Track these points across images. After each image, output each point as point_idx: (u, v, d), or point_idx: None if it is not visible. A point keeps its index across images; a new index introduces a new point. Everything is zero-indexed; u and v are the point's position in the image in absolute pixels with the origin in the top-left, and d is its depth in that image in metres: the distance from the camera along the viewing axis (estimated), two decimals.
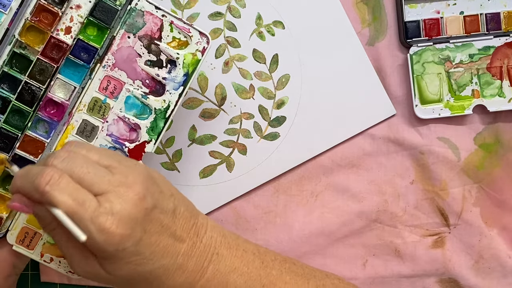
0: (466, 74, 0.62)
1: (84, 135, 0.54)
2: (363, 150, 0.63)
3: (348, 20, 0.62)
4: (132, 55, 0.53)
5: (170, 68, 0.54)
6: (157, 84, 0.54)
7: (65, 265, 0.54)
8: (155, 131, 0.54)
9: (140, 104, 0.54)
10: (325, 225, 0.63)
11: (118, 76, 0.53)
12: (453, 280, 0.63)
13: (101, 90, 0.53)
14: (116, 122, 0.54)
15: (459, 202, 0.63)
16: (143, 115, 0.54)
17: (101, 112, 0.54)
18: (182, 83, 0.54)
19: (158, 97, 0.54)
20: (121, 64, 0.53)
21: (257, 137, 0.62)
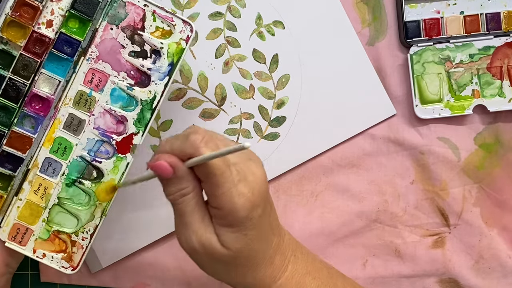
0: (466, 74, 0.62)
1: (71, 129, 0.53)
2: (363, 150, 0.63)
3: (348, 20, 0.62)
4: (115, 47, 0.53)
5: (155, 58, 0.53)
6: (142, 75, 0.53)
7: (58, 260, 0.54)
8: (142, 122, 0.54)
9: (126, 96, 0.54)
10: (325, 225, 0.63)
11: (103, 68, 0.53)
12: (453, 280, 0.63)
13: (86, 83, 0.53)
14: (103, 115, 0.54)
15: (459, 202, 0.63)
16: (129, 107, 0.54)
17: (87, 106, 0.53)
18: (167, 73, 0.53)
19: (144, 88, 0.53)
20: (105, 56, 0.53)
21: (257, 137, 0.62)
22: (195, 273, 0.63)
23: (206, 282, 0.63)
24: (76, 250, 0.54)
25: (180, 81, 0.61)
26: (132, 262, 0.63)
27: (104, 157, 0.54)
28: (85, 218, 0.54)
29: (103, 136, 0.54)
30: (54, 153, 0.54)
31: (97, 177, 0.54)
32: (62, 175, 0.54)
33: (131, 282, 0.63)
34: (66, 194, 0.54)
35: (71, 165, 0.54)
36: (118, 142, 0.54)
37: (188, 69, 0.61)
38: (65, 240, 0.54)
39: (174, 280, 0.63)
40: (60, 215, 0.54)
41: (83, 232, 0.54)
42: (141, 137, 0.54)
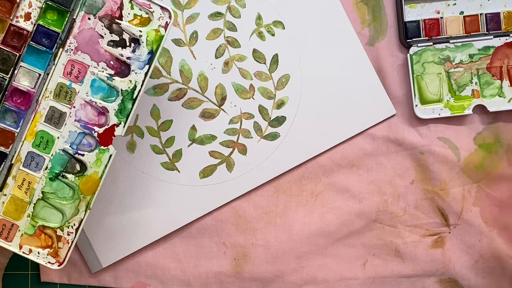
0: (466, 74, 0.62)
1: (53, 122, 0.53)
2: (363, 150, 0.63)
3: (348, 20, 0.62)
4: (94, 37, 0.52)
5: (134, 47, 0.52)
6: (122, 64, 0.53)
7: (44, 256, 0.54)
8: (124, 113, 0.53)
9: (106, 86, 0.53)
10: (325, 225, 0.63)
11: (82, 59, 0.52)
12: (453, 280, 0.63)
13: (66, 75, 0.52)
14: (84, 107, 0.53)
15: (459, 202, 0.63)
16: (110, 98, 0.53)
17: (67, 98, 0.52)
18: (147, 62, 0.52)
19: (124, 78, 0.52)
20: (84, 47, 0.52)
21: (257, 137, 0.62)
22: (195, 273, 0.63)
23: (206, 282, 0.63)
24: (62, 245, 0.54)
25: (180, 81, 0.61)
26: (132, 262, 0.63)
27: (87, 150, 0.53)
28: (69, 213, 0.54)
29: (84, 128, 0.53)
30: (36, 147, 0.53)
31: (80, 171, 0.54)
32: (46, 169, 0.53)
33: (131, 282, 0.63)
34: (50, 188, 0.53)
35: (54, 158, 0.53)
36: (100, 134, 0.53)
37: (188, 69, 0.61)
38: (51, 235, 0.54)
39: (174, 280, 0.63)
40: (45, 210, 0.54)
41: (68, 226, 0.54)
42: (123, 128, 0.53)
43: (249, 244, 0.63)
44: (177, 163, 0.62)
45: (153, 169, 0.62)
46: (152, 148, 0.62)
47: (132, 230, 0.62)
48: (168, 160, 0.62)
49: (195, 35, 0.61)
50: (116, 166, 0.61)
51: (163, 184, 0.62)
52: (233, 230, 0.63)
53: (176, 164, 0.62)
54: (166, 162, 0.62)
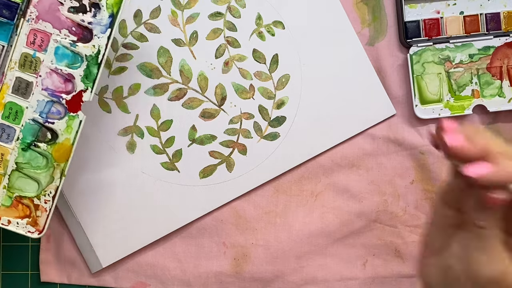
0: (466, 74, 0.62)
1: (20, 93, 0.53)
2: (363, 150, 0.63)
3: (348, 20, 0.62)
4: (54, 4, 0.52)
5: (95, 12, 0.53)
6: (84, 30, 0.53)
7: (23, 225, 0.54)
8: (90, 78, 0.53)
9: (70, 53, 0.53)
10: (325, 225, 0.63)
11: (44, 28, 0.53)
12: None
13: (29, 44, 0.53)
14: (50, 75, 0.53)
15: None
16: (75, 64, 0.53)
17: (32, 67, 0.53)
18: (109, 25, 0.53)
19: (87, 43, 0.53)
20: (45, 15, 0.52)
21: (257, 137, 0.62)
22: (195, 273, 0.63)
23: (206, 282, 0.63)
24: (40, 214, 0.54)
25: (180, 81, 0.61)
26: (132, 262, 0.63)
27: (56, 118, 0.54)
28: (45, 181, 0.54)
29: (52, 96, 0.53)
30: (6, 118, 0.53)
31: (52, 139, 0.54)
32: (17, 140, 0.54)
33: (131, 282, 0.63)
34: (23, 158, 0.54)
35: (24, 129, 0.53)
36: (68, 101, 0.53)
37: (188, 69, 0.61)
38: (28, 205, 0.54)
39: (174, 280, 0.63)
40: (20, 180, 0.54)
41: (45, 195, 0.54)
42: (90, 93, 0.53)
43: (249, 244, 0.63)
44: (177, 163, 0.62)
45: (153, 169, 0.62)
46: (152, 148, 0.62)
47: (132, 230, 0.62)
48: (168, 160, 0.62)
49: (195, 35, 0.61)
50: (116, 166, 0.61)
51: (163, 184, 0.62)
52: (233, 230, 0.63)
53: (176, 164, 0.62)
54: (166, 162, 0.62)
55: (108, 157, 0.61)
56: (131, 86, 0.61)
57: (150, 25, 0.61)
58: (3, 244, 0.63)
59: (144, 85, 0.61)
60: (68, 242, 0.62)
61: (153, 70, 0.61)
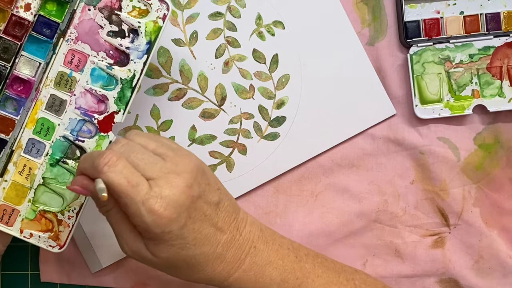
0: (466, 74, 0.62)
1: (53, 110, 0.54)
2: (363, 150, 0.63)
3: (348, 20, 0.62)
4: (94, 27, 0.54)
5: (133, 38, 0.54)
6: (121, 54, 0.54)
7: (45, 239, 0.55)
8: (123, 101, 0.54)
9: (105, 75, 0.54)
10: (325, 225, 0.63)
11: (82, 49, 0.54)
12: (453, 280, 0.63)
13: (66, 64, 0.54)
14: (84, 95, 0.54)
15: (459, 202, 0.63)
16: (109, 86, 0.54)
17: (68, 86, 0.54)
18: (145, 51, 0.54)
19: (123, 67, 0.54)
20: (84, 37, 0.54)
21: (257, 137, 0.62)
22: None
23: None
24: (63, 229, 0.55)
25: (180, 81, 0.61)
26: (132, 262, 0.63)
27: (87, 136, 0.55)
28: (70, 197, 0.55)
29: (85, 115, 0.54)
30: (37, 134, 0.54)
31: (80, 156, 0.55)
32: (46, 155, 0.54)
33: (131, 282, 0.63)
34: (50, 174, 0.55)
35: (54, 145, 0.54)
36: (100, 121, 0.54)
37: (188, 69, 0.61)
38: (51, 220, 0.55)
39: (174, 280, 0.63)
40: (45, 195, 0.55)
41: (69, 210, 0.55)
42: (122, 115, 0.54)
43: None
44: None
45: None
46: None
47: None
48: None
49: (195, 35, 0.61)
50: None
51: None
52: None
53: None
54: None
55: None
56: None
57: None
58: None
59: (144, 85, 0.61)
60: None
61: (153, 70, 0.61)
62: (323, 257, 0.55)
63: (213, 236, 0.48)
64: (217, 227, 0.49)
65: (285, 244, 0.53)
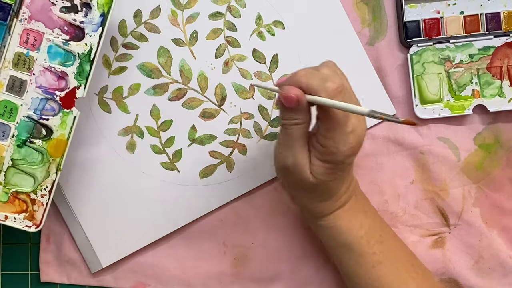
0: (466, 74, 0.62)
1: (14, 91, 0.55)
2: (363, 150, 0.62)
3: (348, 20, 0.62)
4: (46, 5, 0.54)
5: (86, 11, 0.54)
6: (76, 29, 0.55)
7: (20, 220, 0.55)
8: (83, 75, 0.55)
9: (63, 51, 0.55)
10: None
11: (36, 27, 0.54)
12: (453, 280, 0.63)
13: (22, 44, 0.54)
14: (43, 73, 0.55)
15: (459, 202, 0.63)
16: (68, 62, 0.55)
17: (26, 66, 0.54)
18: (100, 24, 0.54)
19: (79, 41, 0.54)
20: (37, 15, 0.54)
21: (257, 137, 0.62)
22: (195, 273, 0.63)
23: (206, 282, 0.63)
24: (37, 208, 0.55)
25: (180, 81, 0.61)
26: (132, 262, 0.63)
27: (51, 114, 0.55)
28: (41, 176, 0.55)
29: (46, 93, 0.55)
30: (1, 116, 0.55)
31: (46, 135, 0.55)
32: (12, 137, 0.55)
33: (131, 282, 0.63)
34: (19, 155, 0.55)
35: (19, 126, 0.55)
36: (62, 97, 0.55)
37: (188, 69, 0.61)
38: (25, 200, 0.55)
39: (174, 280, 0.63)
40: (16, 176, 0.55)
41: (41, 189, 0.55)
42: (84, 90, 0.55)
43: (249, 244, 0.63)
44: (177, 163, 0.62)
45: (153, 169, 0.62)
46: (152, 148, 0.62)
47: (132, 230, 0.62)
48: (168, 160, 0.62)
49: (195, 35, 0.61)
50: (116, 166, 0.61)
51: (163, 184, 0.62)
52: (233, 230, 0.63)
53: (176, 164, 0.62)
54: (166, 162, 0.62)
55: (108, 157, 0.61)
56: (131, 86, 0.61)
57: (150, 25, 0.61)
58: (3, 244, 0.63)
59: (144, 85, 0.61)
60: (68, 242, 0.62)
61: (153, 70, 0.61)
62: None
63: (348, 177, 0.54)
64: (349, 172, 0.55)
65: (374, 208, 0.59)
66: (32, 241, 0.63)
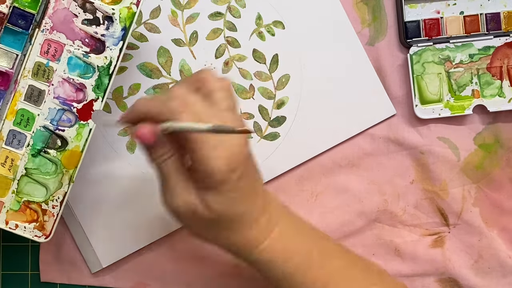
0: (466, 74, 0.62)
1: (32, 100, 0.55)
2: (363, 150, 0.63)
3: (348, 20, 0.62)
4: (68, 16, 0.54)
5: (108, 25, 0.54)
6: (97, 42, 0.55)
7: (30, 230, 0.55)
8: (101, 88, 0.55)
9: (82, 63, 0.55)
10: (325, 225, 0.63)
11: (58, 38, 0.54)
12: (453, 280, 0.64)
13: (43, 54, 0.54)
14: (62, 84, 0.55)
15: (458, 202, 0.63)
16: (87, 74, 0.55)
17: (45, 76, 0.54)
18: (121, 38, 0.54)
19: (99, 54, 0.54)
20: (59, 26, 0.54)
21: (257, 137, 0.62)
22: (195, 273, 0.63)
23: (206, 282, 0.63)
24: (48, 219, 0.55)
25: None
26: (132, 262, 0.63)
27: (67, 125, 0.55)
28: (53, 187, 0.55)
29: (63, 104, 0.55)
30: (17, 125, 0.55)
31: (61, 146, 0.55)
32: (28, 146, 0.55)
33: (131, 282, 0.63)
34: (33, 164, 0.55)
35: (35, 135, 0.55)
36: (79, 109, 0.55)
37: (188, 69, 0.61)
38: (36, 210, 0.55)
39: (174, 280, 0.63)
40: (29, 185, 0.55)
41: (53, 200, 0.55)
42: (101, 103, 0.55)
43: None
44: None
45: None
46: None
47: (132, 230, 0.62)
48: None
49: (195, 35, 0.61)
50: (116, 166, 0.61)
51: None
52: None
53: None
54: None
55: (108, 157, 0.61)
56: (131, 86, 0.61)
57: (150, 25, 0.61)
58: (3, 244, 0.63)
59: (144, 85, 0.61)
60: (68, 242, 0.62)
61: (153, 70, 0.61)
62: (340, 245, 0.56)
63: (254, 196, 0.48)
64: (255, 189, 0.49)
65: (307, 223, 0.54)
66: (32, 241, 0.63)
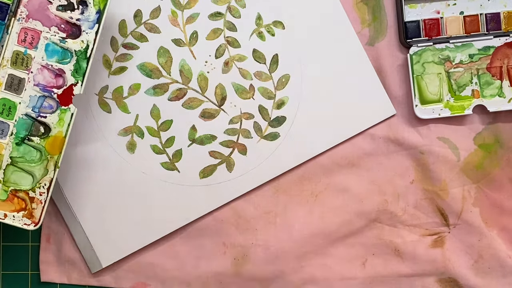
0: (466, 74, 0.62)
1: (13, 89, 0.55)
2: (363, 150, 0.63)
3: (348, 20, 0.62)
4: (43, 3, 0.55)
5: (82, 9, 0.55)
6: (73, 26, 0.55)
7: (19, 218, 0.55)
8: (80, 72, 0.55)
9: (60, 49, 0.55)
10: (325, 225, 0.63)
11: (34, 26, 0.55)
12: (453, 280, 0.64)
13: (20, 42, 0.55)
14: (41, 71, 0.55)
15: (458, 202, 0.63)
16: (65, 60, 0.55)
17: (24, 64, 0.55)
18: (96, 21, 0.55)
19: (76, 39, 0.55)
20: (35, 14, 0.55)
21: (257, 137, 0.62)
22: (195, 273, 0.63)
23: (206, 282, 0.63)
24: (36, 206, 0.56)
25: (180, 81, 0.61)
26: (132, 262, 0.63)
27: (49, 112, 0.55)
28: (39, 174, 0.56)
29: (44, 91, 0.55)
30: (0, 114, 0.55)
31: (44, 132, 0.56)
32: (11, 135, 0.55)
33: (131, 282, 0.63)
34: (17, 153, 0.55)
35: (18, 124, 0.55)
36: (60, 95, 0.55)
37: (188, 69, 0.61)
38: (24, 198, 0.56)
39: (174, 280, 0.63)
40: (15, 174, 0.56)
41: (40, 187, 0.56)
42: (81, 87, 0.55)
43: (249, 244, 0.63)
44: (177, 163, 0.62)
45: (153, 169, 0.62)
46: (152, 148, 0.62)
47: (132, 230, 0.62)
48: (168, 160, 0.62)
49: (195, 35, 0.61)
50: (116, 166, 0.61)
51: (163, 184, 0.62)
52: (233, 230, 0.63)
53: (176, 164, 0.62)
54: (166, 162, 0.62)
55: (109, 157, 0.61)
56: (131, 86, 0.61)
57: (150, 25, 0.61)
58: (3, 244, 0.63)
59: (144, 85, 0.61)
60: (68, 242, 0.62)
61: (153, 70, 0.61)
62: None
63: None
64: None
65: None
66: (32, 241, 0.63)
